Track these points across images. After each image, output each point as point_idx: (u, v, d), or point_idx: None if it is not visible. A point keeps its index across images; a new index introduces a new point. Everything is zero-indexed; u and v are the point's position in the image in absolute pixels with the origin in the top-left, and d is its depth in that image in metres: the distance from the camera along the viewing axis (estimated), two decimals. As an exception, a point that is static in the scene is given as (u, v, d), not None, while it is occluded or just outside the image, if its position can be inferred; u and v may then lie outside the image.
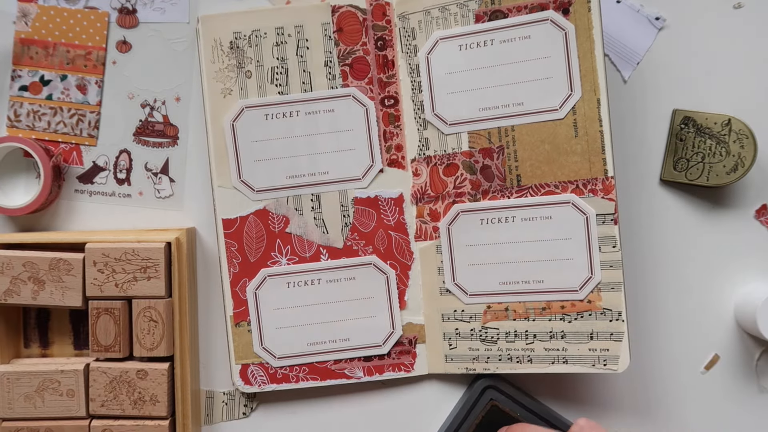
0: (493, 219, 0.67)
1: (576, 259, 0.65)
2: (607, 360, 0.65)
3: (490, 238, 0.67)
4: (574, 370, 0.66)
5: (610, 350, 0.65)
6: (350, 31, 0.68)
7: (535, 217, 0.66)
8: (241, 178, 0.68)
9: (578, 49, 0.64)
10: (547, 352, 0.66)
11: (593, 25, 0.64)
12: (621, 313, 0.65)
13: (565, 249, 0.65)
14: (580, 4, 0.64)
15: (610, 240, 0.64)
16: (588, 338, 0.65)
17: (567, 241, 0.65)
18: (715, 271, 0.70)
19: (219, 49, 0.67)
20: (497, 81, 0.66)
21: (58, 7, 0.69)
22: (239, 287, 0.68)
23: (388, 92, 0.68)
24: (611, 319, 0.65)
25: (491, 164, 0.67)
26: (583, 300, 0.65)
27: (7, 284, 0.65)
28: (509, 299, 0.67)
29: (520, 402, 0.66)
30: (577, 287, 0.65)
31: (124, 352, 0.66)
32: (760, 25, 0.70)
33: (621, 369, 0.65)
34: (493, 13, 0.66)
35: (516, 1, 0.65)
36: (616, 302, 0.65)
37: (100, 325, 0.65)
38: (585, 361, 0.66)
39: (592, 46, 0.64)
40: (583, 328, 0.65)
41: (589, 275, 0.65)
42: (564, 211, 0.65)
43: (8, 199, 0.70)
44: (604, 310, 0.65)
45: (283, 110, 0.68)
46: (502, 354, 0.67)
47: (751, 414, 0.71)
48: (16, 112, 0.70)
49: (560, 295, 0.66)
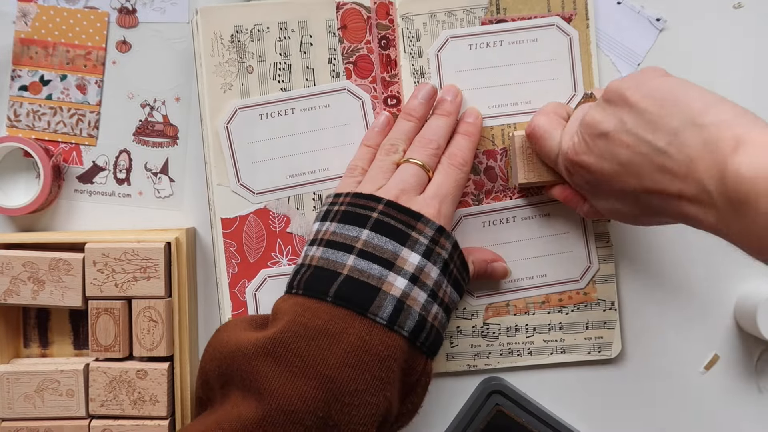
0: (495, 221, 0.69)
1: (575, 251, 0.69)
2: (601, 347, 0.69)
3: (493, 239, 0.69)
4: (572, 358, 0.69)
5: (604, 338, 0.69)
6: (354, 28, 0.68)
7: (534, 216, 0.69)
8: (240, 182, 0.68)
9: (581, 58, 0.68)
10: (546, 344, 0.69)
11: (591, 40, 0.68)
12: (614, 303, 0.69)
13: (564, 242, 0.69)
14: (579, 20, 0.68)
15: (604, 236, 0.69)
16: (584, 328, 0.69)
17: (565, 235, 0.69)
18: (715, 270, 0.71)
19: (219, 43, 0.67)
20: (506, 80, 0.68)
21: (58, 7, 0.69)
22: (238, 288, 0.68)
23: (391, 92, 0.68)
24: (605, 308, 0.69)
25: (494, 165, 0.69)
26: (584, 288, 0.69)
27: (7, 284, 0.65)
28: (514, 296, 0.69)
29: (525, 407, 0.66)
30: (578, 277, 0.69)
31: (124, 352, 0.65)
32: (760, 25, 0.70)
33: (614, 354, 0.69)
34: (498, 22, 0.68)
35: (520, 13, 0.68)
36: (609, 293, 0.69)
37: (99, 325, 0.65)
38: (581, 350, 0.69)
39: (589, 59, 0.68)
40: (580, 319, 0.69)
41: (588, 264, 0.69)
42: (559, 206, 0.68)
43: (8, 199, 0.69)
44: (598, 300, 0.69)
45: (277, 108, 0.68)
46: (503, 348, 0.69)
47: (751, 414, 0.71)
48: (16, 112, 0.70)
49: (563, 286, 0.69)
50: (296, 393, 0.53)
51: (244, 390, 0.54)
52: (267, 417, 0.52)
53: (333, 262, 0.57)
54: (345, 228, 0.59)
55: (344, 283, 0.56)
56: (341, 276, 0.57)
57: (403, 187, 0.60)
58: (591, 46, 0.68)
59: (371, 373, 0.54)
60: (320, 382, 0.53)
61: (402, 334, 0.56)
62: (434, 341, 0.59)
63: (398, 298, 0.56)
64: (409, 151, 0.63)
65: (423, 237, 0.58)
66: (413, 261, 0.57)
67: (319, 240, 0.60)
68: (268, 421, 0.52)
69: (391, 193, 0.60)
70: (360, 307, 0.56)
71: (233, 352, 0.55)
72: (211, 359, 0.57)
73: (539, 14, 0.68)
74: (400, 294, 0.56)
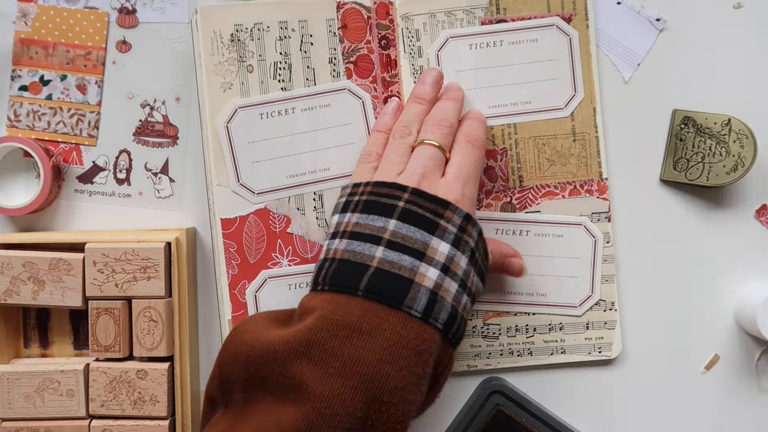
0: (508, 230, 0.69)
1: (580, 277, 0.69)
2: (602, 347, 0.69)
3: None
4: (572, 359, 0.69)
5: (605, 338, 0.69)
6: (355, 28, 0.68)
7: (547, 234, 0.69)
8: (240, 182, 0.67)
9: (580, 57, 0.68)
10: (546, 344, 0.69)
11: (590, 40, 0.68)
12: (614, 303, 0.69)
13: (572, 267, 0.69)
14: (579, 21, 0.68)
15: (605, 236, 0.69)
16: (584, 328, 0.69)
17: (574, 260, 0.69)
18: (715, 271, 0.71)
19: (219, 42, 0.67)
20: (506, 80, 0.68)
21: (58, 7, 0.69)
22: (238, 289, 0.68)
23: (391, 92, 0.68)
24: (605, 309, 0.69)
25: (495, 165, 0.69)
26: (580, 315, 0.69)
27: (7, 284, 0.65)
28: (511, 308, 0.69)
29: (525, 407, 0.66)
30: (577, 304, 0.69)
31: (124, 352, 0.65)
32: (760, 25, 0.70)
33: (614, 355, 0.69)
34: (498, 22, 0.68)
35: (520, 13, 0.68)
36: (609, 293, 0.69)
37: (100, 325, 0.65)
38: (581, 350, 0.69)
39: (589, 60, 0.68)
40: (580, 319, 0.69)
41: (590, 294, 0.69)
42: (575, 232, 0.68)
43: (8, 199, 0.69)
44: (599, 301, 0.69)
45: (278, 108, 0.67)
46: (504, 349, 0.69)
47: (751, 414, 0.71)
48: (16, 112, 0.70)
49: (561, 310, 0.69)
50: (336, 395, 0.50)
51: (278, 395, 0.52)
52: (307, 422, 0.50)
53: (360, 254, 0.55)
54: (370, 218, 0.57)
55: (375, 275, 0.54)
56: (371, 269, 0.54)
57: (423, 171, 0.59)
58: (591, 46, 0.68)
59: (409, 369, 0.52)
60: (359, 381, 0.51)
61: (437, 326, 0.54)
62: (462, 332, 0.57)
63: (431, 290, 0.54)
64: (423, 133, 0.62)
65: (451, 225, 0.57)
66: (443, 250, 0.56)
67: (342, 232, 0.58)
68: (308, 427, 0.50)
69: (413, 179, 0.58)
70: (394, 300, 0.53)
71: (262, 355, 0.53)
72: (233, 360, 0.55)
73: (539, 14, 0.68)
74: (432, 285, 0.54)
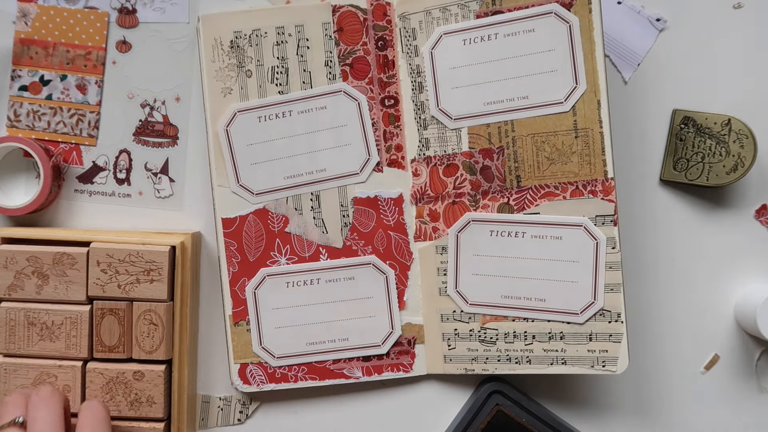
0: (503, 232, 0.66)
1: (580, 283, 0.65)
2: (606, 361, 0.65)
3: (498, 251, 0.66)
4: (573, 371, 0.66)
5: (609, 351, 0.65)
6: (351, 31, 0.68)
7: (545, 236, 0.65)
8: (240, 183, 0.68)
9: (582, 46, 0.64)
10: (546, 353, 0.66)
11: (594, 26, 0.64)
12: (620, 315, 0.65)
13: (572, 271, 0.65)
14: (580, 5, 0.64)
15: (610, 241, 0.64)
16: (587, 339, 0.65)
17: (574, 263, 0.65)
18: (715, 271, 0.70)
19: (219, 48, 0.67)
20: (502, 75, 0.65)
21: (58, 7, 0.69)
22: (238, 286, 0.68)
23: (389, 92, 0.68)
24: (610, 320, 0.65)
25: (491, 165, 0.67)
26: (582, 323, 0.65)
27: (11, 279, 0.65)
28: (508, 313, 0.67)
29: (525, 407, 0.66)
30: (579, 311, 0.65)
31: (128, 353, 0.65)
32: (760, 25, 0.69)
33: (620, 370, 0.65)
34: (494, 14, 0.65)
35: (517, 2, 0.65)
36: (615, 303, 0.65)
37: (104, 325, 0.65)
38: (584, 362, 0.66)
39: (592, 47, 0.64)
40: (582, 330, 0.65)
41: (592, 300, 0.65)
42: (575, 234, 0.65)
43: (8, 199, 0.70)
44: (603, 311, 0.65)
45: (276, 111, 0.68)
46: (501, 355, 0.67)
47: (751, 414, 0.71)
48: (16, 112, 0.70)
49: (561, 316, 0.66)
50: None
51: None
52: None
53: None
54: None
55: None
56: None
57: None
58: (594, 33, 0.63)
59: None
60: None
61: None
62: None
63: None
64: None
65: None
66: None
67: None
68: None
69: None
70: None
71: None
72: None
73: (537, 2, 0.64)
74: None
